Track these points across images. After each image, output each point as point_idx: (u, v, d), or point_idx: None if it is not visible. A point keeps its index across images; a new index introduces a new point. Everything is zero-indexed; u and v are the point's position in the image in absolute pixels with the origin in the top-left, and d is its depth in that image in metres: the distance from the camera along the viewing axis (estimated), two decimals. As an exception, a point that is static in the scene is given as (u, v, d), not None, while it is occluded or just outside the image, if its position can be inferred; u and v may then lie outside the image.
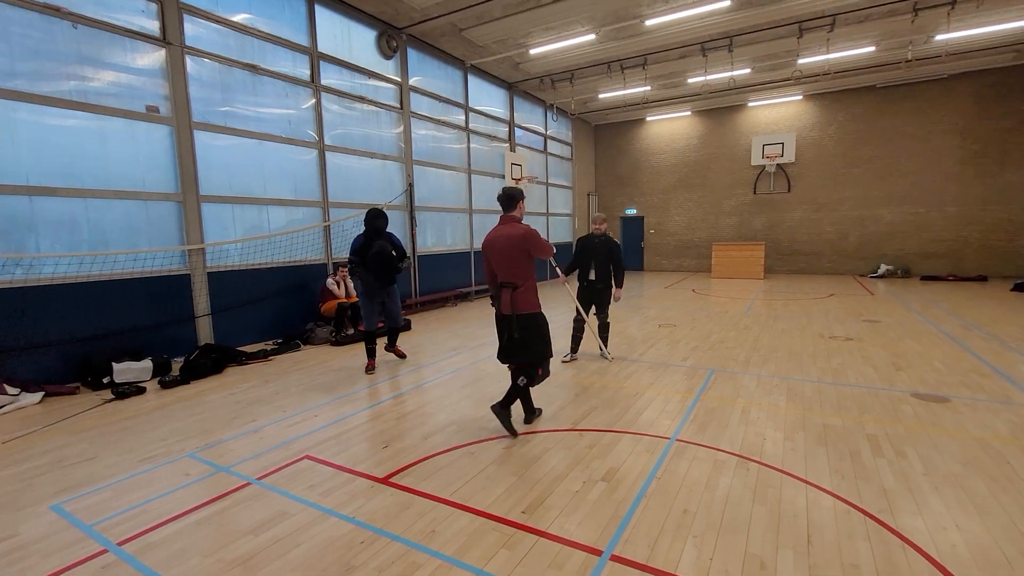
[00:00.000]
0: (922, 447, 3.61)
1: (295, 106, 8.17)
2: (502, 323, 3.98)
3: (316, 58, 8.41)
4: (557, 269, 6.17)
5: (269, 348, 7.05)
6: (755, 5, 9.32)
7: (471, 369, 5.99)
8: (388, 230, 6.03)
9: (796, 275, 15.88)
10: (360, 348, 7.19)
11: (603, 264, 6.02)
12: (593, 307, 6.20)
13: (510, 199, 3.96)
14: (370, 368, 5.93)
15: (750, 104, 16.31)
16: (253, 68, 7.46)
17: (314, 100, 8.43)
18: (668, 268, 18.55)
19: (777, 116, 16.10)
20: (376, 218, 5.82)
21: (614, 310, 9.72)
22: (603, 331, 6.31)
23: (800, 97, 15.55)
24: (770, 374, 5.50)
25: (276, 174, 7.90)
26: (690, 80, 13.58)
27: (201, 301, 6.87)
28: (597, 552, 2.50)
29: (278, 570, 2.42)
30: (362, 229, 5.99)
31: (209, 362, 6.03)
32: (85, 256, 5.74)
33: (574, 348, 6.31)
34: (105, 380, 5.46)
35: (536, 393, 5.02)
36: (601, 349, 6.35)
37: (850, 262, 15.56)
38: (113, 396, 5.15)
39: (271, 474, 3.41)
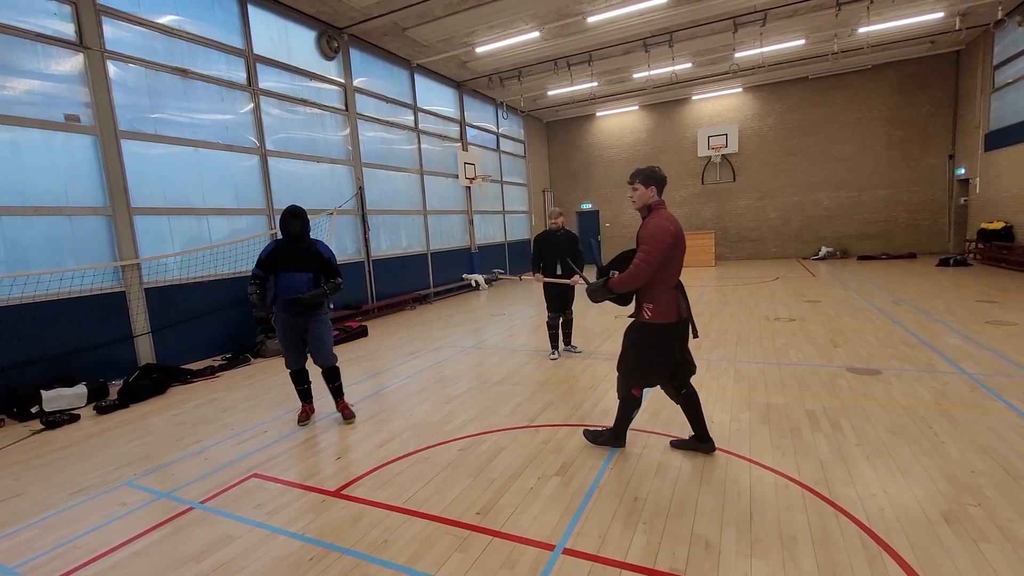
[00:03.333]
0: (855, 419, 3.83)
1: (232, 111, 7.85)
2: (676, 331, 3.23)
3: (252, 60, 8.10)
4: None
5: (217, 364, 6.76)
6: (691, 1, 9.60)
7: (429, 372, 5.93)
8: (318, 236, 4.79)
9: (745, 261, 16.52)
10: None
11: (568, 257, 5.94)
12: (560, 304, 6.11)
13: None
14: (305, 415, 4.50)
15: (694, 97, 16.81)
16: (183, 72, 7.11)
17: (252, 104, 8.13)
18: (625, 260, 18.89)
19: (720, 108, 16.67)
20: (286, 216, 4.13)
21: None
22: (568, 326, 6.32)
23: (740, 89, 16.16)
24: (719, 358, 5.69)
25: (215, 182, 7.57)
26: (635, 75, 13.86)
27: (139, 319, 6.52)
28: (550, 547, 2.52)
29: (221, 596, 2.32)
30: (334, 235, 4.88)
31: (150, 383, 5.73)
32: (3, 278, 5.33)
33: (556, 346, 6.24)
34: (33, 410, 5.09)
35: (494, 391, 5.03)
36: (569, 345, 6.38)
37: (793, 246, 16.31)
38: (43, 426, 4.81)
39: (216, 496, 3.27)
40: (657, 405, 4.37)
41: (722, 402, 4.34)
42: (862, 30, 11.25)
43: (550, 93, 15.06)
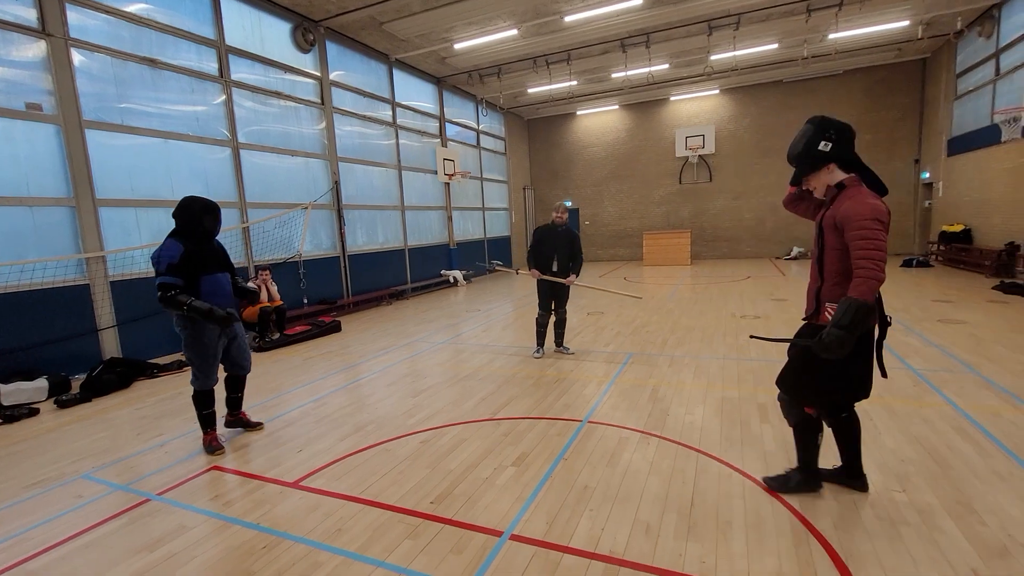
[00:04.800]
0: (803, 412, 3.99)
1: (204, 102, 7.75)
2: (868, 336, 2.53)
3: (224, 51, 8.01)
4: None
5: (184, 358, 6.68)
6: (666, 3, 9.76)
7: (400, 367, 5.97)
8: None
9: (720, 260, 16.85)
10: (287, 353, 6.99)
11: (565, 256, 5.82)
12: (552, 302, 5.97)
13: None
14: (217, 444, 3.82)
15: (672, 98, 17.05)
16: (152, 62, 7.01)
17: (224, 96, 8.04)
18: (604, 258, 19.14)
19: (697, 109, 16.94)
20: (206, 212, 3.65)
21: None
22: (561, 327, 6.10)
23: (717, 92, 16.44)
24: (683, 354, 5.85)
25: (185, 174, 7.47)
26: (613, 75, 14.01)
27: (104, 313, 6.43)
28: (498, 533, 2.61)
29: (171, 584, 2.36)
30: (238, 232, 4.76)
31: (115, 377, 5.66)
32: (-41, 270, 5.22)
33: (541, 344, 6.09)
34: (-9, 404, 5.01)
35: (461, 385, 5.11)
36: (562, 346, 6.20)
37: (767, 246, 16.68)
38: (0, 420, 4.75)
39: (173, 488, 3.28)
40: (616, 399, 4.49)
41: (680, 396, 4.48)
42: (832, 36, 11.55)
43: (530, 91, 15.12)
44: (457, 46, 11.14)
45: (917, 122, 14.60)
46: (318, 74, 9.89)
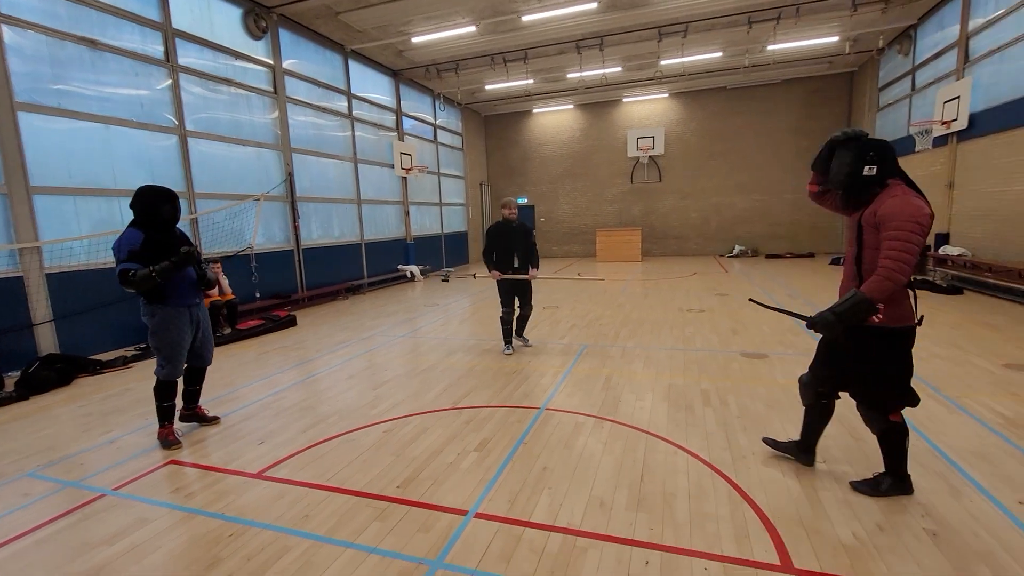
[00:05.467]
0: (741, 396, 4.36)
1: (148, 87, 7.41)
2: (914, 338, 2.66)
3: (171, 35, 7.67)
4: None
5: (129, 354, 6.43)
6: (619, 8, 10.11)
7: (359, 360, 5.98)
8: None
9: (668, 256, 17.59)
10: (241, 348, 6.83)
11: (523, 250, 5.84)
12: (516, 298, 5.96)
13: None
14: (174, 438, 3.79)
15: (624, 100, 17.61)
16: (92, 43, 6.64)
17: (171, 81, 7.70)
18: (559, 254, 19.53)
19: (648, 112, 17.58)
20: (164, 201, 3.59)
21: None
22: (525, 321, 6.21)
23: (667, 95, 17.11)
24: (634, 345, 6.17)
25: (128, 162, 7.13)
26: (569, 75, 14.33)
27: (40, 306, 6.07)
28: (463, 512, 2.76)
29: (135, 575, 2.37)
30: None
31: (53, 374, 5.40)
32: None
33: (509, 341, 6.07)
34: (-89, 404, 4.68)
35: (422, 377, 5.20)
36: (521, 336, 6.33)
37: (711, 244, 17.56)
38: (-76, 421, 4.44)
39: (130, 483, 3.23)
40: (572, 388, 4.72)
41: (631, 384, 4.77)
42: (771, 47, 12.31)
43: (487, 87, 15.22)
44: (415, 40, 11.10)
45: (846, 131, 15.74)
46: (271, 62, 9.61)
